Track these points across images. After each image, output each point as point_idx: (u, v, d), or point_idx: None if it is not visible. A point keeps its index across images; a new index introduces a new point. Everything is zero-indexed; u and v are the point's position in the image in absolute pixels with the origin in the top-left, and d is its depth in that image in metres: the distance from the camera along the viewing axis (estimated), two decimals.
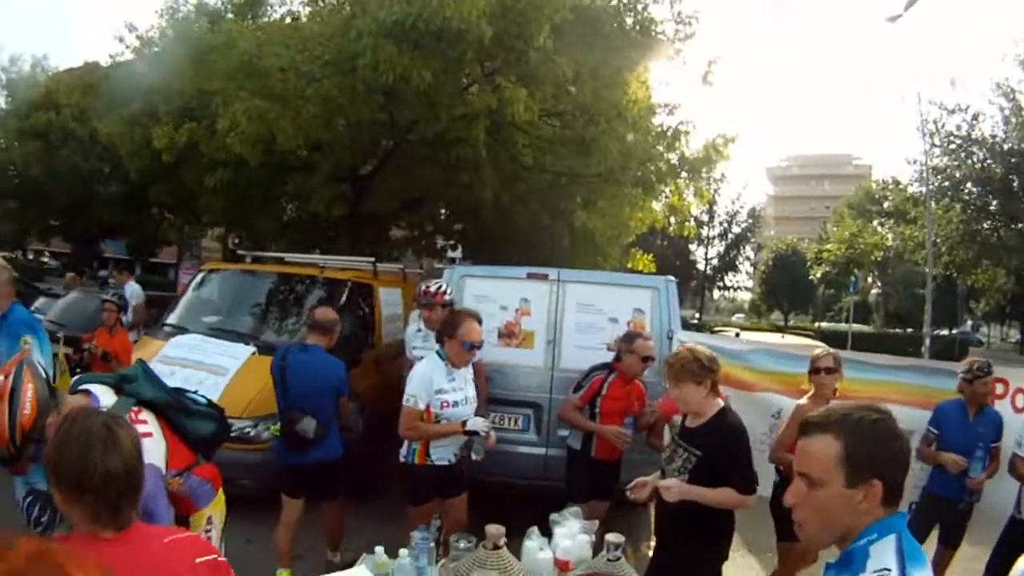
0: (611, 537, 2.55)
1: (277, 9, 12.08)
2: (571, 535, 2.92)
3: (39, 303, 11.40)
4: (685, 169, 10.40)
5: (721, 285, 46.46)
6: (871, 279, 41.98)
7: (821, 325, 43.86)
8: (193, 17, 11.26)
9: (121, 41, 13.33)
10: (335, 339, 4.87)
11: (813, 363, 4.67)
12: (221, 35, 9.29)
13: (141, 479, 1.75)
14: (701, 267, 43.48)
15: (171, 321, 7.37)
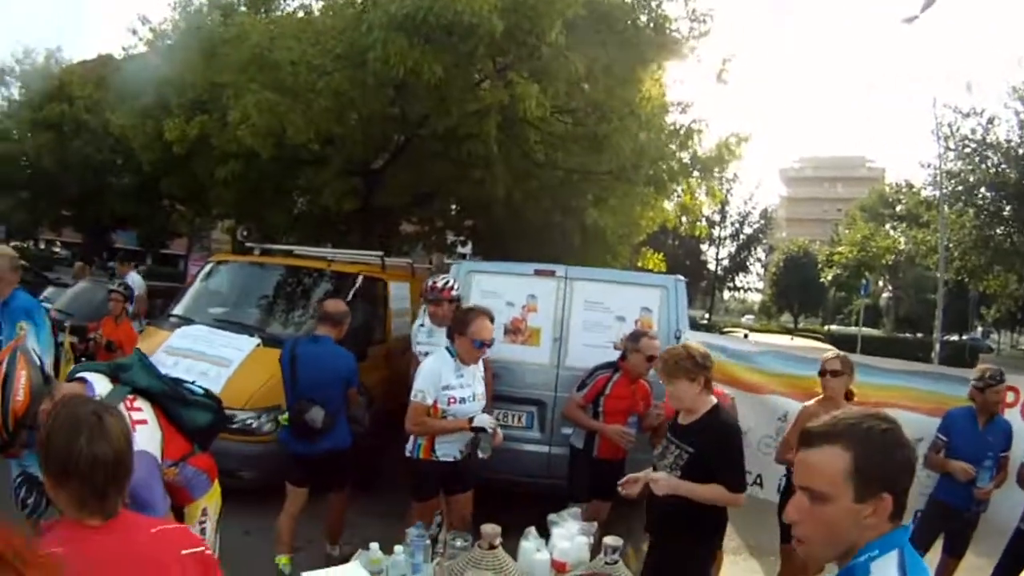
0: (609, 540, 2.50)
1: (290, 2, 12.08)
2: (569, 536, 2.86)
3: (48, 292, 11.46)
4: (697, 168, 10.32)
5: (731, 286, 46.33)
6: (882, 283, 41.82)
7: (831, 328, 43.62)
8: (206, 10, 11.24)
9: (134, 34, 13.32)
10: (344, 331, 4.87)
11: (821, 365, 4.61)
12: (233, 28, 9.26)
13: (129, 467, 1.72)
14: (712, 267, 43.36)
15: (177, 312, 7.36)
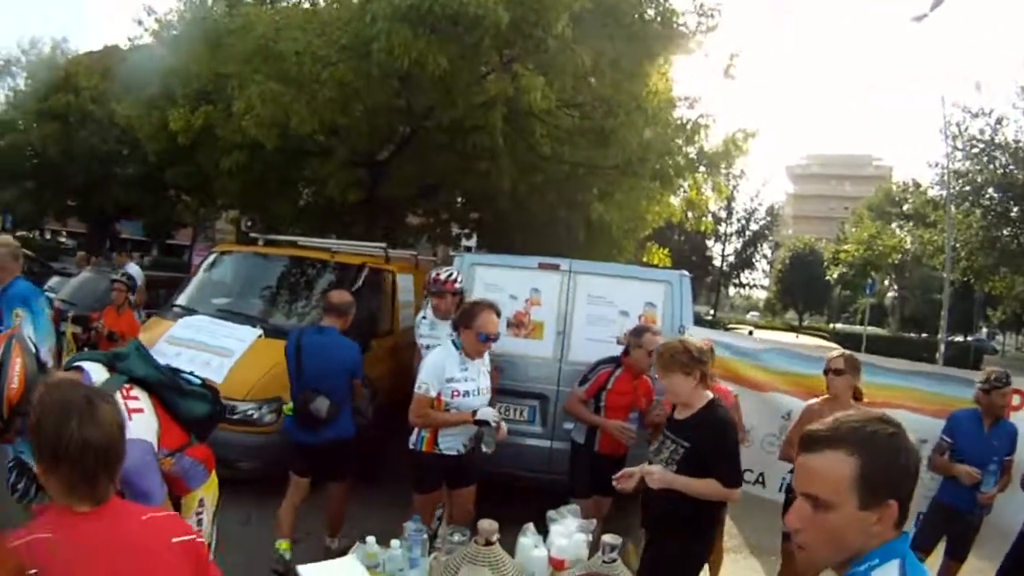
0: (608, 538, 2.46)
1: None
2: (567, 533, 2.83)
3: (52, 282, 11.49)
4: (704, 163, 10.27)
5: (737, 282, 46.22)
6: (888, 282, 41.63)
7: (836, 326, 43.51)
8: (211, 1, 11.20)
9: (140, 24, 13.27)
10: (350, 321, 4.90)
11: (826, 364, 4.56)
12: (239, 18, 9.23)
13: (120, 453, 1.69)
14: (717, 263, 43.27)
15: (180, 302, 7.36)
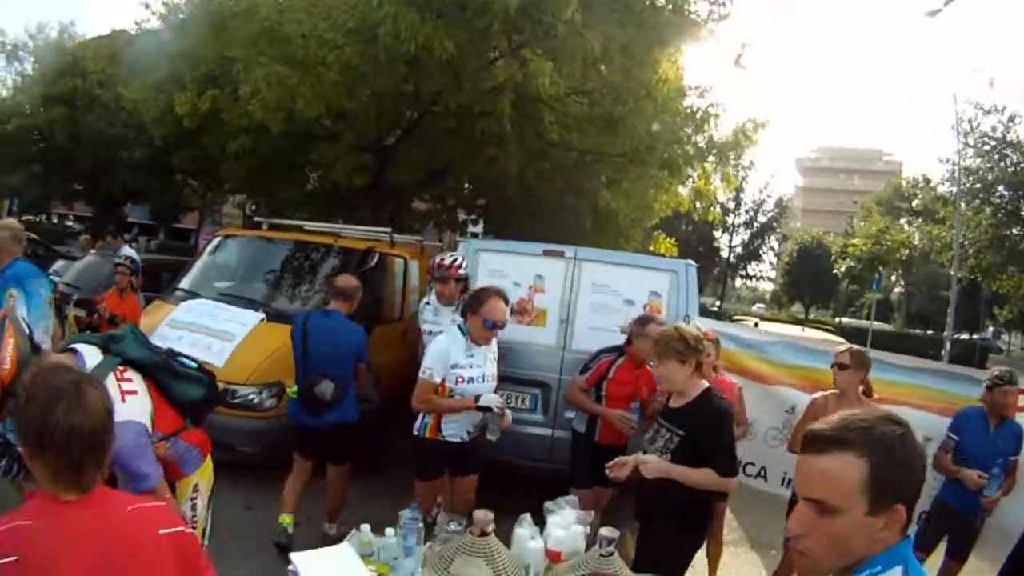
0: (605, 531, 2.41)
1: None
2: (565, 525, 2.77)
3: (57, 266, 11.48)
4: (713, 153, 10.18)
5: (744, 274, 46.12)
6: (894, 277, 41.48)
7: (842, 320, 43.36)
8: None
9: (147, 7, 13.22)
10: (356, 306, 4.90)
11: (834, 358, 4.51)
12: (244, 1, 9.14)
13: (108, 441, 1.65)
14: (724, 254, 43.18)
15: (183, 286, 7.33)
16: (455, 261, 5.07)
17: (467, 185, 14.21)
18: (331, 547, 2.55)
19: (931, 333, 36.90)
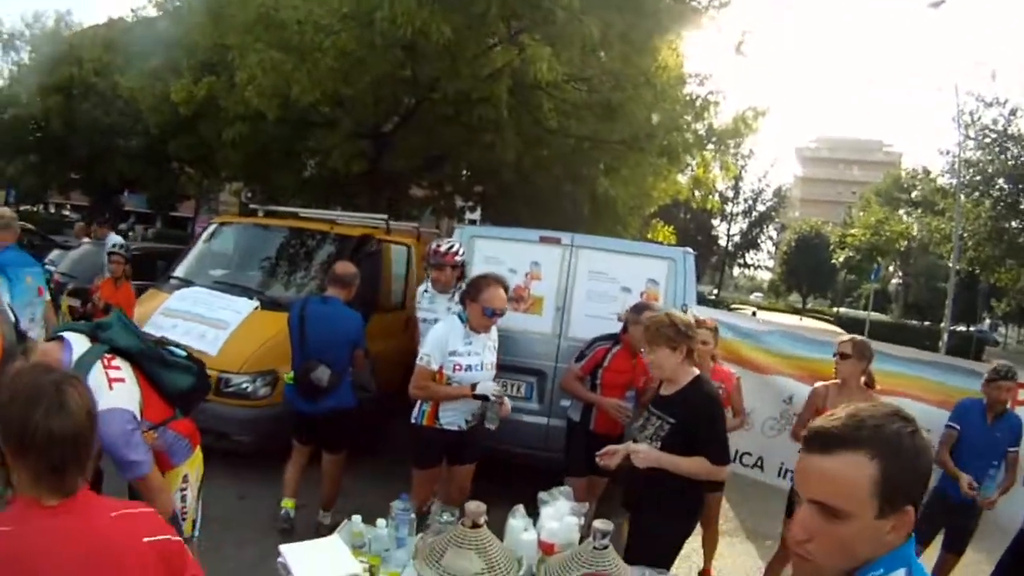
0: (599, 524, 2.35)
1: None
2: (558, 516, 2.72)
3: (53, 255, 11.42)
4: (712, 140, 10.12)
5: (741, 262, 46.12)
6: (892, 268, 41.45)
7: (839, 310, 43.39)
8: None
9: None
10: (354, 292, 4.91)
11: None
12: None
13: (90, 444, 1.59)
14: (723, 243, 43.16)
15: (178, 274, 7.26)
16: (451, 248, 4.98)
17: (465, 172, 14.13)
18: (321, 539, 2.50)
19: (928, 324, 36.94)
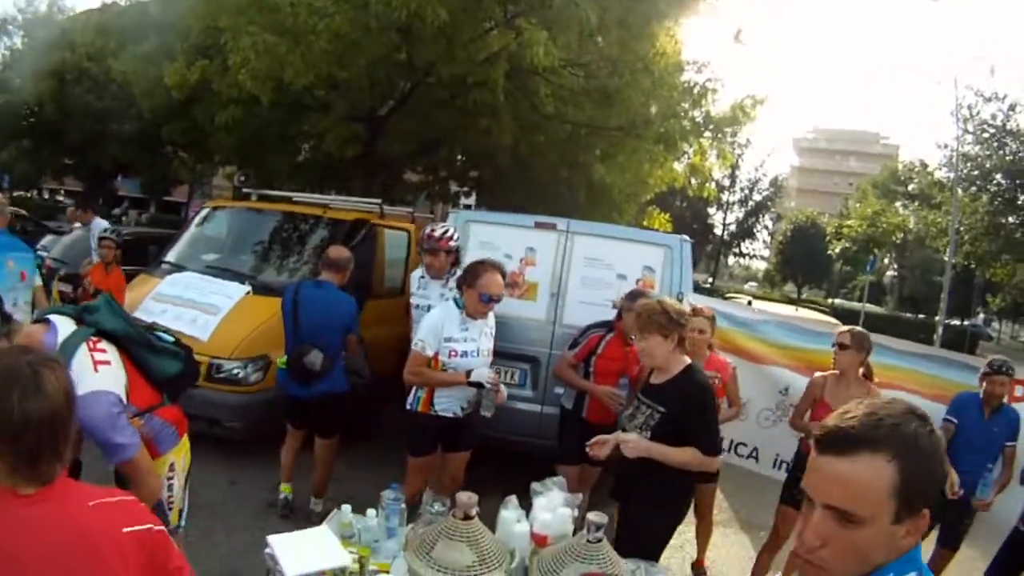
0: (593, 517, 2.30)
1: None
2: (551, 507, 2.67)
3: (45, 241, 11.30)
4: (710, 128, 10.05)
5: (737, 252, 46.12)
6: (887, 260, 41.47)
7: (835, 301, 43.40)
8: None
9: None
10: (348, 277, 4.91)
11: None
12: None
13: (67, 430, 1.52)
14: (718, 232, 43.15)
15: (169, 259, 7.18)
16: (445, 232, 4.88)
17: (460, 157, 14.05)
18: (309, 529, 2.45)
19: (922, 317, 36.98)
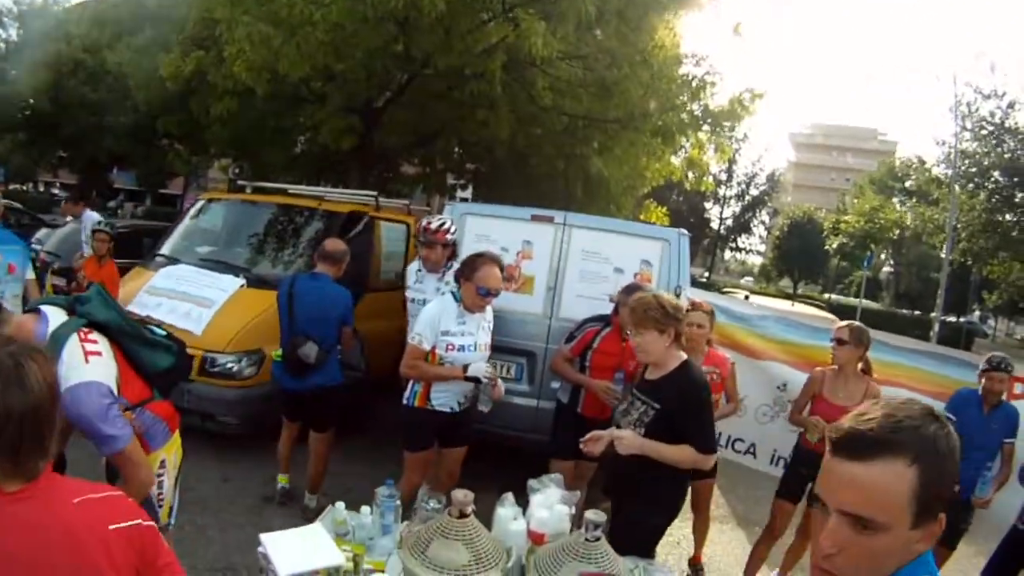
0: (591, 515, 2.25)
1: None
2: (548, 505, 2.62)
3: (40, 234, 11.25)
4: (708, 121, 10.00)
5: (733, 246, 46.14)
6: (884, 256, 41.51)
7: (831, 297, 43.44)
8: None
9: None
10: (343, 269, 4.88)
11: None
12: None
13: (50, 423, 1.46)
14: (715, 226, 43.17)
15: (164, 251, 7.11)
16: (443, 225, 4.81)
17: (457, 149, 13.96)
18: (302, 527, 2.41)
19: (918, 314, 37.05)
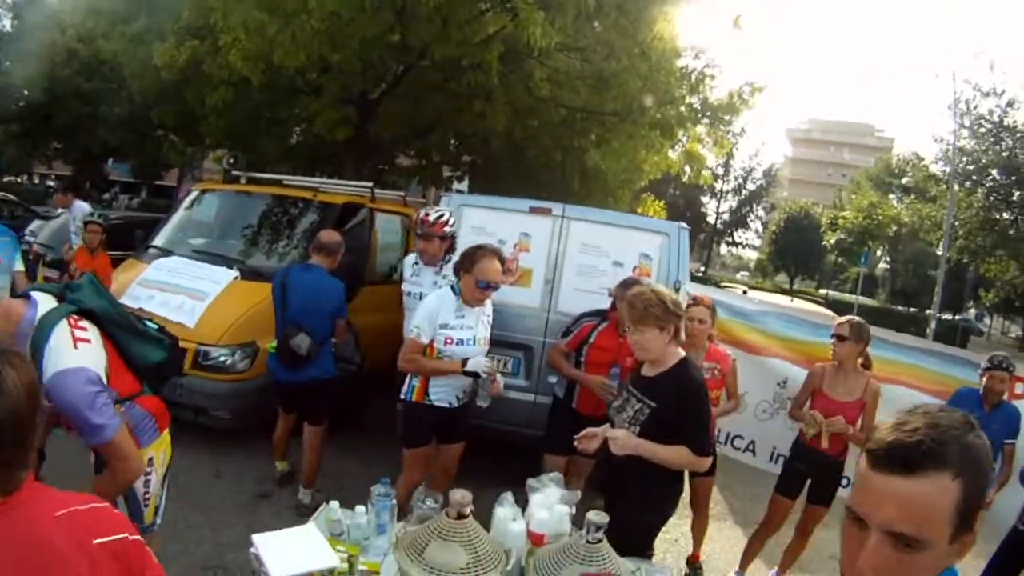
0: (592, 516, 2.19)
1: None
2: (548, 505, 2.56)
3: (33, 226, 11.21)
4: (707, 115, 9.92)
5: (730, 240, 46.15)
6: (880, 253, 41.53)
7: (828, 293, 43.47)
8: None
9: None
10: (338, 261, 4.88)
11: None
12: None
13: (28, 432, 1.36)
14: (711, 220, 43.17)
15: (157, 243, 7.03)
16: (440, 217, 4.72)
17: (453, 141, 13.83)
18: (295, 527, 2.34)
19: (914, 311, 37.07)
